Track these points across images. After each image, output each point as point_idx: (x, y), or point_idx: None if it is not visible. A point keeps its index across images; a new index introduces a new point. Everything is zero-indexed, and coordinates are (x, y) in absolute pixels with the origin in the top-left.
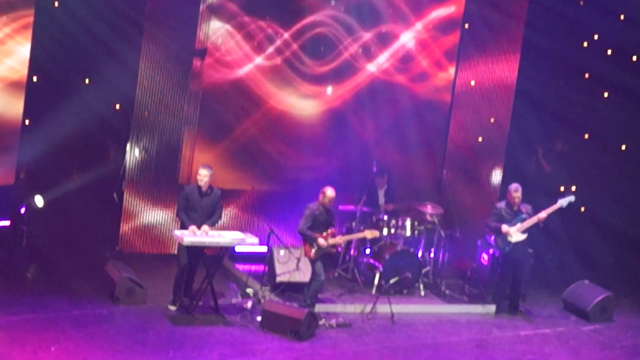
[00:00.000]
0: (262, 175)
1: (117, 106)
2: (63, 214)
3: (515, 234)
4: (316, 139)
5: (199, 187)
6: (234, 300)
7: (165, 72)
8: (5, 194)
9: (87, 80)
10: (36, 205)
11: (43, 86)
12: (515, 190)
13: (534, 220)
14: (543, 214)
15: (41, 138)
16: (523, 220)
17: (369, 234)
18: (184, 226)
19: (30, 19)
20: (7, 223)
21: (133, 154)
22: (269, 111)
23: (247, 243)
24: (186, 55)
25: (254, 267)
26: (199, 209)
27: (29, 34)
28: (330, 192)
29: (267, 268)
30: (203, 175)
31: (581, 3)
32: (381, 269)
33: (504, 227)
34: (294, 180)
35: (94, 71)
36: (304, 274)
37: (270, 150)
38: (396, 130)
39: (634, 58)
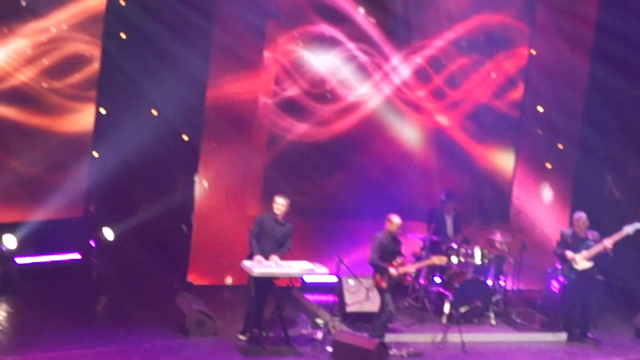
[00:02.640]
0: (330, 204)
1: (185, 137)
2: (132, 246)
3: (581, 261)
4: (383, 168)
5: (275, 216)
6: (304, 331)
7: (232, 103)
8: (75, 227)
9: (154, 112)
10: (106, 238)
11: (111, 118)
12: (579, 218)
13: (599, 247)
14: (608, 242)
15: (110, 170)
16: (589, 247)
17: (437, 260)
18: (252, 254)
19: (99, 50)
20: (77, 256)
21: (202, 185)
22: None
23: (317, 273)
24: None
25: (323, 298)
26: (272, 237)
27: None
28: (396, 219)
29: (336, 298)
30: (281, 204)
31: None
32: (451, 297)
33: (569, 254)
34: (361, 208)
35: (162, 103)
36: (373, 304)
37: (338, 180)
38: (463, 157)
39: None
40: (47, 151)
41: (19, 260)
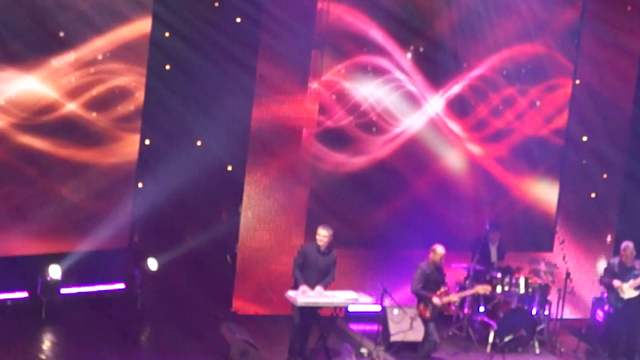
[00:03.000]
0: (374, 234)
1: (230, 167)
2: (177, 276)
3: (628, 290)
4: (427, 197)
5: (318, 247)
6: None
7: (276, 134)
8: (119, 257)
9: (198, 142)
10: (150, 268)
11: (156, 149)
12: (626, 247)
13: None
14: None
15: (154, 200)
16: (636, 276)
17: (481, 289)
18: (296, 284)
19: (143, 81)
20: (122, 286)
21: (246, 215)
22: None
23: (361, 303)
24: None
25: (367, 327)
26: (316, 268)
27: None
28: (440, 249)
29: (381, 328)
30: (323, 236)
31: None
32: (495, 327)
33: (616, 283)
34: (405, 238)
35: (206, 133)
36: (417, 333)
37: (383, 210)
38: (507, 186)
39: None
40: (92, 182)
41: (64, 290)
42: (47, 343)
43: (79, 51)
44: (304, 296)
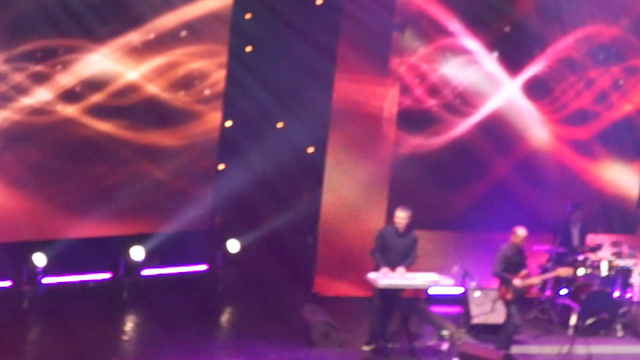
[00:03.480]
0: (455, 216)
1: (310, 149)
2: (258, 258)
3: None
4: (509, 179)
5: (397, 229)
6: (429, 343)
7: (357, 115)
8: (201, 239)
9: (279, 124)
10: (231, 250)
11: (237, 131)
12: None
13: None
14: None
15: (236, 182)
16: None
17: (563, 271)
18: (377, 267)
19: (224, 63)
20: (204, 268)
21: (327, 196)
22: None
23: (442, 285)
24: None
25: (449, 309)
26: (395, 250)
27: (223, 81)
28: (521, 231)
29: (462, 310)
30: (401, 217)
31: None
32: (578, 309)
33: None
34: (487, 220)
35: (286, 115)
36: (499, 316)
37: (464, 191)
38: (589, 167)
39: None
40: (174, 165)
41: (146, 272)
42: (129, 324)
43: (160, 32)
44: (385, 278)
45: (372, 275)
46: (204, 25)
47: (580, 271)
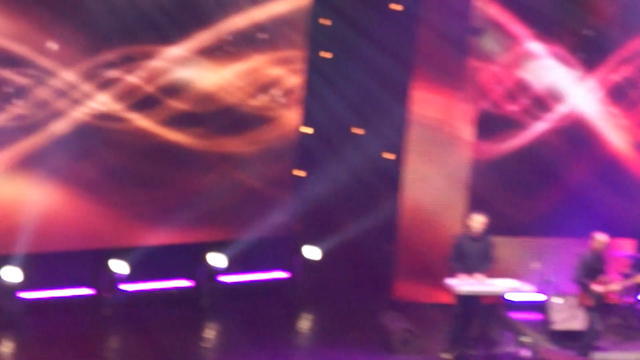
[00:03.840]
0: (536, 221)
1: (389, 155)
2: (337, 265)
3: None
4: (589, 184)
5: (473, 234)
6: (509, 349)
7: (435, 119)
8: (282, 245)
9: (357, 130)
10: (311, 257)
11: (316, 138)
12: None
13: None
14: None
15: (315, 189)
16: None
17: None
18: (455, 273)
19: (303, 74)
20: (283, 274)
21: (405, 203)
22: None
23: (522, 291)
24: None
25: (529, 316)
26: (472, 256)
27: (301, 87)
28: (601, 237)
29: (543, 316)
30: (477, 223)
31: None
32: None
33: None
34: (565, 226)
35: (364, 121)
36: (580, 322)
37: (544, 196)
38: None
39: None
40: (254, 172)
41: (226, 279)
42: (209, 331)
43: (236, 39)
44: (465, 285)
45: (451, 282)
46: (281, 32)
47: None
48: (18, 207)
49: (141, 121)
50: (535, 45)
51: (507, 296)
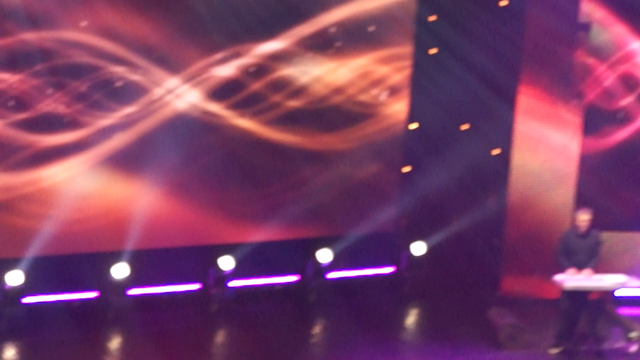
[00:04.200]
0: None
1: (495, 152)
2: (444, 260)
3: None
4: None
5: (579, 231)
6: (617, 345)
7: (542, 113)
8: (388, 241)
9: (464, 126)
10: (417, 252)
11: (421, 134)
12: None
13: None
14: None
15: (421, 185)
16: None
17: None
18: (562, 269)
19: (409, 70)
20: (391, 270)
21: (512, 198)
22: None
23: (630, 286)
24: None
25: (637, 311)
26: (579, 252)
27: (407, 83)
28: None
29: None
30: (583, 219)
31: None
32: None
33: None
34: None
35: (471, 116)
36: None
37: None
38: None
39: None
40: (360, 167)
41: (333, 274)
42: (316, 327)
43: (341, 34)
44: (572, 280)
45: (559, 278)
46: (387, 28)
47: None
48: (127, 205)
49: (248, 119)
50: None
51: (615, 292)
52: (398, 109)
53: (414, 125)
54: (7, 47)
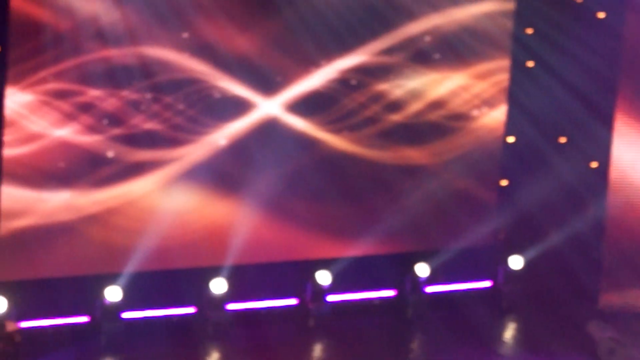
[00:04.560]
0: None
1: (593, 164)
2: (541, 274)
3: None
4: None
5: None
6: None
7: None
8: (485, 255)
9: (562, 139)
10: (515, 266)
11: (518, 147)
12: None
13: None
14: None
15: (518, 198)
16: None
17: None
18: None
19: (506, 83)
20: (488, 284)
21: (612, 212)
22: None
23: None
24: None
25: None
26: None
27: (505, 96)
28: None
29: None
30: None
31: None
32: None
33: None
34: None
35: (568, 130)
36: None
37: None
38: None
39: None
40: (456, 182)
41: (430, 288)
42: (414, 342)
43: (437, 46)
44: None
45: None
46: (484, 40)
47: None
48: (225, 220)
49: (344, 134)
50: None
51: None
52: (495, 122)
53: (511, 139)
54: (104, 62)
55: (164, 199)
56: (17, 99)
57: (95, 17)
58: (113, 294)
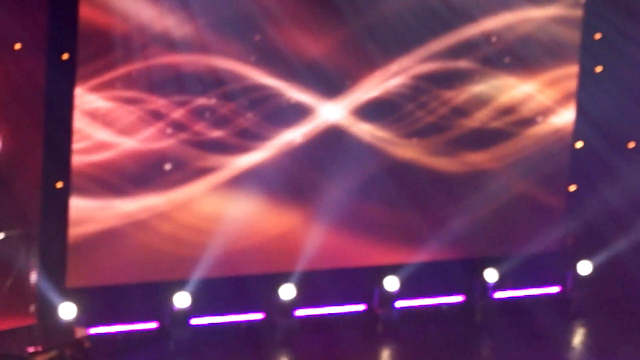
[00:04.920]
0: None
1: None
2: (610, 279)
3: None
4: None
5: None
6: None
7: None
8: (553, 261)
9: (631, 144)
10: (583, 272)
11: (587, 152)
12: None
13: None
14: None
15: (587, 203)
16: None
17: None
18: None
19: (574, 88)
20: (556, 289)
21: None
22: None
23: None
24: None
25: None
26: None
27: (573, 101)
28: None
29: None
30: None
31: None
32: None
33: None
34: None
35: (637, 135)
36: None
37: None
38: None
39: None
40: (526, 187)
41: (498, 295)
42: (483, 348)
43: (508, 53)
44: None
45: None
46: (553, 45)
47: None
48: (293, 226)
49: (412, 142)
50: None
51: None
52: (563, 127)
53: (579, 144)
54: (173, 70)
55: (233, 205)
56: (85, 106)
57: (164, 25)
58: (182, 300)
